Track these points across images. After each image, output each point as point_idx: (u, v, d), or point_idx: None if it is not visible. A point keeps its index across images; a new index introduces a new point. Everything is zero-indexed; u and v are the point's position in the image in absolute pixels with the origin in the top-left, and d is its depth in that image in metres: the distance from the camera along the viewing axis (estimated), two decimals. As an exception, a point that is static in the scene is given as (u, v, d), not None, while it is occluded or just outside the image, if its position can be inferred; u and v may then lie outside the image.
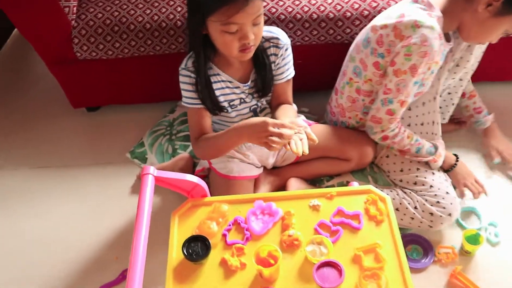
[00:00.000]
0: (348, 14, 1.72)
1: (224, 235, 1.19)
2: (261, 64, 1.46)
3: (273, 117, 1.48)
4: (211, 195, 1.29)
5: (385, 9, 1.61)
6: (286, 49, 1.48)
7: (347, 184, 1.69)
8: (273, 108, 1.57)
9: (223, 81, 1.47)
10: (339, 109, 1.70)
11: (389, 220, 1.19)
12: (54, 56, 1.82)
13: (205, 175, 1.74)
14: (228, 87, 1.48)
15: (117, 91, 2.00)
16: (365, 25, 1.63)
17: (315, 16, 1.72)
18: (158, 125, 2.01)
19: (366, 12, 1.72)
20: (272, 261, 1.09)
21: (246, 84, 1.49)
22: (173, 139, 1.94)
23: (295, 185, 1.67)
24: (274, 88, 1.53)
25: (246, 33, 1.28)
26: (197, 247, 1.13)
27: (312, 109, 1.98)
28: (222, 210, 1.22)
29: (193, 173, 1.78)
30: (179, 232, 1.20)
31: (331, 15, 1.72)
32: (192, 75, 1.42)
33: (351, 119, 1.69)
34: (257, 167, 1.66)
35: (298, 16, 1.73)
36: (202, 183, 1.24)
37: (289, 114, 1.46)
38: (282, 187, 1.70)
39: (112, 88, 1.99)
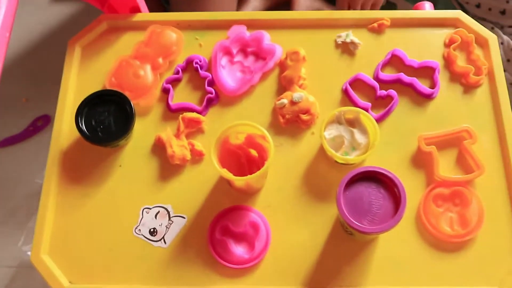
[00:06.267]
0: None
1: (166, 91, 0.61)
2: None
3: None
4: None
5: None
6: None
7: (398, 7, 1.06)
8: None
9: None
10: None
11: (492, 84, 0.60)
12: None
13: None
14: None
15: None
16: None
17: None
18: None
19: None
20: (253, 152, 0.54)
21: None
22: None
23: (306, 2, 1.04)
24: None
25: None
26: (108, 115, 0.56)
27: None
28: (167, 40, 0.63)
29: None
30: (78, 82, 0.61)
31: None
32: None
33: None
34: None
35: None
36: (129, -16, 0.62)
37: None
38: (285, 5, 1.06)
39: None
